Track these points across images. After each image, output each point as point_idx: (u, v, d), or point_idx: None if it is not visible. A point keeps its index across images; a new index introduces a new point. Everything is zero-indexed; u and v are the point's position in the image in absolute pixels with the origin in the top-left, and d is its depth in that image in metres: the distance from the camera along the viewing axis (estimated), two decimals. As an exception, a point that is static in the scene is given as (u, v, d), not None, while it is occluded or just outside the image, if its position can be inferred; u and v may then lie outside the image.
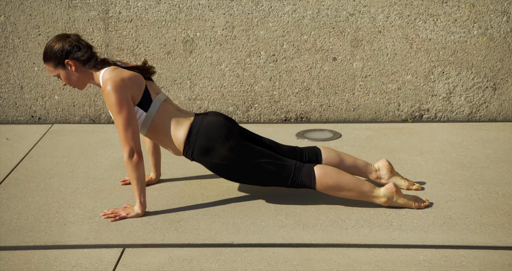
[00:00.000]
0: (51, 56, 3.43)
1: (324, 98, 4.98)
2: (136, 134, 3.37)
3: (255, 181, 3.53)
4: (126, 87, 3.35)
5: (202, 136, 3.46)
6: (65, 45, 3.42)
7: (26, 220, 3.46)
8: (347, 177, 3.47)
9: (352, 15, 4.81)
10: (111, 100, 3.33)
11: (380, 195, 3.47)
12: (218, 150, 3.44)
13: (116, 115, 3.34)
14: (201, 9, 4.81)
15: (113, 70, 3.40)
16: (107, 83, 3.34)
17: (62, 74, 3.46)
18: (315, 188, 3.46)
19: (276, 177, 3.47)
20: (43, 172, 4.06)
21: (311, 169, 3.46)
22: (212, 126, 3.48)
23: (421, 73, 4.91)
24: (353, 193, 3.47)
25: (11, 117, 5.05)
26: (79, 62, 3.43)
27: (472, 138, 4.60)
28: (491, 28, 4.81)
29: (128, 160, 3.37)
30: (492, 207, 3.53)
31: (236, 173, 3.49)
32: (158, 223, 3.40)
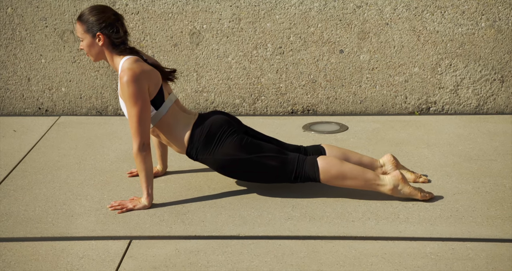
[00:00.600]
0: (88, 21, 3.40)
1: (331, 91, 4.97)
2: (148, 127, 3.38)
3: (259, 177, 3.53)
4: (144, 80, 3.36)
5: (205, 134, 3.47)
6: (107, 20, 3.40)
7: (34, 211, 3.47)
8: (350, 166, 3.47)
9: (359, 7, 4.79)
10: (127, 91, 3.33)
11: (385, 183, 3.45)
12: (221, 147, 3.45)
13: (131, 107, 3.34)
14: (207, 1, 4.81)
15: (135, 61, 3.40)
16: (126, 73, 3.34)
17: (86, 41, 3.44)
18: (319, 179, 3.46)
19: (280, 171, 3.47)
20: (50, 164, 4.07)
21: (315, 161, 3.46)
22: (215, 124, 3.49)
23: (428, 66, 4.90)
24: (358, 182, 3.46)
25: (18, 109, 5.06)
26: (109, 41, 3.42)
27: (480, 130, 4.59)
28: (499, 20, 4.79)
29: (137, 152, 3.38)
30: (500, 200, 3.52)
31: (239, 170, 3.49)
32: (164, 215, 3.41)
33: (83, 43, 3.46)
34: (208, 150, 3.46)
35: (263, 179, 3.55)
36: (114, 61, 3.46)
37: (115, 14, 3.45)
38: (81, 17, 3.43)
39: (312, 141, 4.42)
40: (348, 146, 4.31)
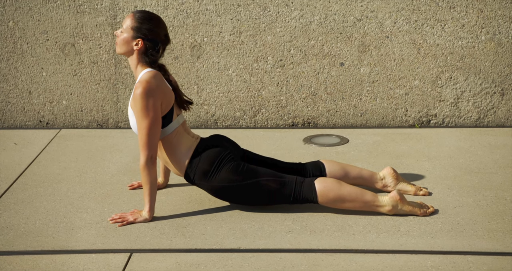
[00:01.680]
0: (141, 22, 3.39)
1: (331, 104, 4.97)
2: (157, 141, 3.39)
3: (258, 201, 3.53)
4: (158, 96, 3.37)
5: (204, 161, 3.48)
6: (157, 36, 3.41)
7: (34, 224, 3.46)
8: (348, 188, 3.47)
9: (359, 20, 4.81)
10: (140, 103, 3.34)
11: (384, 204, 3.45)
12: (218, 174, 3.46)
13: (141, 119, 3.35)
14: (208, 15, 4.82)
15: (154, 76, 3.41)
16: (142, 84, 3.35)
17: (125, 36, 3.41)
18: (317, 201, 3.46)
19: (278, 194, 3.47)
20: (51, 177, 4.07)
21: (312, 183, 3.46)
22: (214, 153, 3.50)
23: (428, 79, 4.91)
24: (356, 204, 3.46)
25: (19, 122, 5.06)
26: (144, 50, 3.42)
27: (480, 143, 4.59)
28: (499, 33, 4.80)
29: (144, 164, 3.38)
30: (500, 213, 3.52)
31: (237, 195, 3.50)
32: (165, 228, 3.41)
33: (121, 34, 3.43)
34: (205, 177, 3.48)
35: (261, 203, 3.55)
36: (136, 68, 3.47)
37: (166, 36, 3.47)
38: (136, 15, 3.42)
39: (313, 154, 4.42)
40: (349, 159, 4.31)
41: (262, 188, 3.46)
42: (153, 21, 3.42)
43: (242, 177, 3.46)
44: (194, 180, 3.51)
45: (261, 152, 4.47)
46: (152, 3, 4.80)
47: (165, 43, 3.47)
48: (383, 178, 3.72)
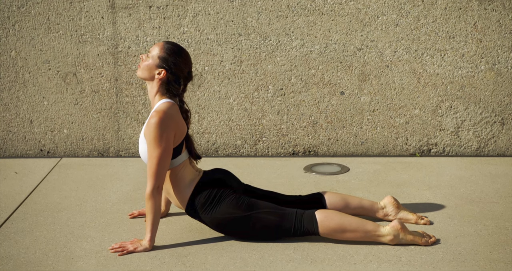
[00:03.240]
0: (168, 54, 3.41)
1: (332, 132, 4.98)
2: (165, 171, 3.40)
3: (258, 235, 3.53)
4: (172, 126, 3.38)
5: (205, 194, 3.49)
6: (181, 71, 3.44)
7: (34, 254, 3.45)
8: (349, 218, 3.46)
9: (359, 49, 4.84)
10: (154, 132, 3.35)
11: (385, 234, 3.44)
12: (218, 207, 3.47)
13: (154, 148, 3.36)
14: (209, 44, 4.86)
15: (171, 106, 3.42)
16: (158, 114, 3.36)
17: (150, 62, 3.42)
18: (318, 233, 3.45)
19: (279, 227, 3.47)
20: (51, 206, 4.07)
21: (313, 214, 3.46)
22: (214, 187, 3.51)
23: (429, 108, 4.92)
24: (358, 234, 3.45)
25: (20, 151, 5.07)
26: (166, 81, 3.43)
27: (481, 172, 4.58)
28: (499, 63, 4.83)
29: (150, 194, 3.38)
30: (502, 243, 3.50)
31: (237, 228, 3.50)
32: (165, 257, 3.39)
33: (146, 59, 3.45)
34: (206, 211, 3.48)
35: (262, 237, 3.54)
36: (155, 97, 3.48)
37: (189, 73, 3.49)
38: (166, 45, 3.44)
39: (313, 182, 4.41)
40: (350, 188, 4.30)
41: (262, 220, 3.46)
42: (180, 56, 3.44)
43: (242, 210, 3.46)
44: (195, 213, 3.51)
45: (262, 180, 4.46)
46: (153, 33, 4.84)
47: (187, 80, 3.50)
48: (384, 207, 3.72)
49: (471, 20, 4.78)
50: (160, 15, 4.82)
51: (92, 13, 4.83)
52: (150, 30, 4.84)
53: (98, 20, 4.84)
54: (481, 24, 4.79)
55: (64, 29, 4.86)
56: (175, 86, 3.45)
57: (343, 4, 4.78)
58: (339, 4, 4.78)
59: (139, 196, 4.21)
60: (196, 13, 4.82)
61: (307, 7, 4.79)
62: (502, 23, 4.78)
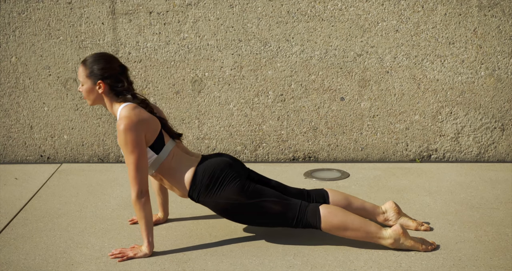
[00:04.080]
0: (92, 67, 3.41)
1: (332, 138, 4.99)
2: (146, 175, 3.38)
3: (261, 222, 3.52)
4: (141, 128, 3.36)
5: (208, 177, 3.47)
6: (112, 71, 3.42)
7: (34, 260, 3.44)
8: (353, 217, 3.46)
9: (359, 55, 4.85)
10: (124, 139, 3.34)
11: (386, 236, 3.44)
12: (223, 191, 3.45)
13: (128, 155, 3.35)
14: (210, 50, 4.86)
15: (132, 109, 3.40)
16: (123, 121, 3.34)
17: (86, 86, 3.44)
18: (320, 227, 3.45)
19: (282, 216, 3.46)
20: (51, 212, 4.06)
21: (317, 208, 3.45)
22: (218, 167, 3.49)
23: (429, 114, 4.92)
24: (359, 233, 3.45)
25: (20, 157, 5.07)
26: (109, 89, 3.43)
27: (481, 178, 4.58)
28: (499, 69, 4.83)
29: (136, 199, 3.37)
30: (502, 249, 3.50)
31: (241, 214, 3.48)
32: (165, 263, 3.39)
33: (82, 87, 3.46)
34: (209, 193, 3.46)
35: (264, 223, 3.54)
36: (113, 108, 3.47)
37: (120, 66, 3.46)
38: (85, 62, 3.44)
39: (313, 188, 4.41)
40: (350, 193, 4.30)
41: (266, 209, 3.45)
42: (100, 60, 3.43)
43: (246, 196, 3.44)
44: (198, 197, 3.49)
45: (262, 186, 4.46)
46: (153, 39, 4.84)
47: (123, 72, 3.46)
48: (385, 211, 3.72)
49: (471, 26, 4.79)
50: (160, 21, 4.83)
51: (93, 19, 4.83)
52: (151, 36, 4.85)
53: (98, 26, 4.85)
54: (481, 30, 4.79)
55: (64, 35, 4.86)
56: (119, 86, 3.43)
57: (343, 10, 4.79)
58: (339, 10, 4.79)
59: (139, 201, 4.20)
60: (196, 19, 4.83)
61: (307, 13, 4.80)
62: (502, 29, 4.79)
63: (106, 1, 4.81)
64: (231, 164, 3.54)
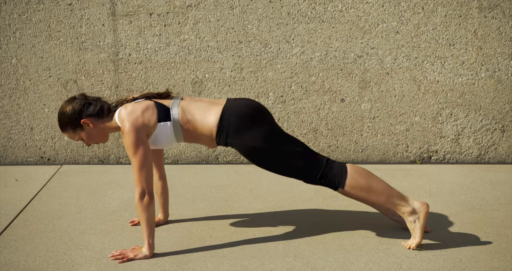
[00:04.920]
0: (66, 123, 3.48)
1: (332, 139, 4.99)
2: (150, 175, 3.38)
3: (284, 171, 3.46)
4: (142, 127, 3.38)
5: (237, 117, 3.42)
6: (75, 106, 3.46)
7: (34, 262, 3.44)
8: (379, 180, 3.44)
9: (360, 57, 4.85)
10: (127, 141, 3.36)
11: (408, 204, 3.43)
12: (253, 133, 3.40)
13: (132, 155, 3.37)
14: (210, 51, 4.86)
15: (126, 111, 3.42)
16: (123, 124, 3.38)
17: (83, 136, 3.51)
18: (344, 185, 3.41)
19: (307, 168, 3.41)
20: (51, 213, 4.06)
21: (344, 166, 3.42)
22: (248, 108, 3.45)
23: (429, 115, 4.92)
24: (381, 198, 3.41)
25: (21, 158, 5.07)
26: (94, 118, 3.47)
27: (481, 180, 4.58)
28: (499, 70, 4.83)
29: (139, 200, 3.38)
30: (503, 251, 3.50)
31: (267, 160, 3.43)
32: (166, 264, 3.39)
33: (84, 140, 3.53)
34: (238, 134, 3.41)
35: (287, 173, 3.47)
36: (114, 126, 3.50)
37: (74, 97, 3.51)
38: (61, 127, 3.51)
39: (314, 190, 4.41)
40: (350, 195, 4.30)
41: (292, 158, 3.41)
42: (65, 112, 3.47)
43: (275, 143, 3.40)
44: (226, 139, 3.43)
45: (262, 187, 4.46)
46: (154, 40, 4.85)
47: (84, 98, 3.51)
48: None
49: (471, 27, 4.79)
50: (160, 22, 4.83)
51: (93, 21, 4.84)
52: (151, 37, 4.85)
53: (98, 28, 4.85)
54: (481, 31, 4.79)
55: (65, 36, 4.87)
56: (95, 108, 3.47)
57: (344, 12, 4.79)
58: (339, 11, 4.79)
59: (139, 203, 4.20)
60: (196, 21, 4.83)
61: (307, 15, 4.80)
62: (502, 31, 4.79)
63: (106, 2, 4.81)
64: (262, 108, 3.51)
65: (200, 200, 4.26)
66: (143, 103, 3.47)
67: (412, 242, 3.49)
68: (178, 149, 5.03)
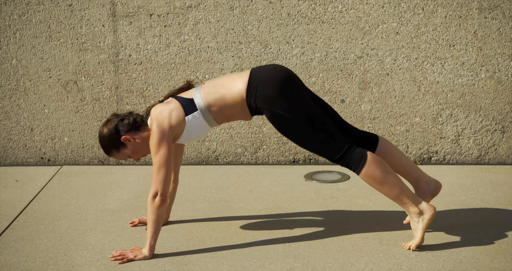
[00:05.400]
0: (109, 145, 3.52)
1: (332, 140, 4.98)
2: (167, 178, 3.39)
3: (306, 144, 3.44)
4: (168, 129, 3.40)
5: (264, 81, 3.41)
6: (110, 126, 3.50)
7: (34, 262, 3.44)
8: (395, 176, 3.45)
9: (360, 57, 4.85)
10: (152, 141, 3.40)
11: (417, 205, 3.44)
12: (283, 100, 3.38)
13: (153, 155, 3.40)
14: (210, 52, 4.86)
15: (154, 110, 3.45)
16: (152, 125, 3.42)
17: (129, 153, 3.53)
18: (360, 172, 3.42)
19: (328, 147, 3.40)
20: (51, 214, 4.06)
21: (364, 153, 3.41)
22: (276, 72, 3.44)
23: (429, 116, 4.92)
24: (393, 191, 3.42)
25: (21, 159, 5.07)
26: (132, 132, 3.50)
27: (481, 180, 4.58)
28: (499, 71, 4.83)
29: (151, 200, 3.39)
30: (503, 251, 3.50)
31: (292, 130, 3.41)
32: (166, 265, 3.39)
33: (131, 157, 3.56)
34: (267, 100, 3.39)
35: (307, 146, 3.45)
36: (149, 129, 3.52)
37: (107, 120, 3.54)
38: (106, 151, 3.56)
39: (314, 190, 4.41)
40: (350, 195, 4.30)
41: (317, 135, 3.39)
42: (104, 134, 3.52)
43: (304, 115, 3.38)
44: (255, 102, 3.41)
45: (262, 188, 4.46)
46: (154, 41, 4.85)
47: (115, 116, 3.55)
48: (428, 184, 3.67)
49: (471, 28, 4.79)
50: (160, 23, 4.83)
51: (93, 21, 4.84)
52: (151, 38, 4.85)
53: (99, 28, 4.85)
54: (481, 32, 4.79)
55: (65, 37, 4.87)
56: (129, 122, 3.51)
57: (344, 13, 4.79)
58: (339, 12, 4.79)
59: (139, 204, 4.21)
60: (196, 21, 4.83)
61: (307, 16, 4.80)
62: (502, 32, 4.79)
63: (106, 3, 4.81)
64: (290, 72, 3.49)
65: (200, 201, 4.26)
66: (169, 103, 3.49)
67: (412, 242, 3.49)
68: (178, 149, 5.03)
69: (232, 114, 3.51)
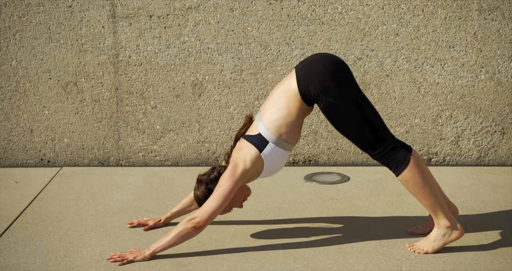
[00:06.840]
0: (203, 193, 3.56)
1: (332, 141, 4.99)
2: (216, 212, 3.39)
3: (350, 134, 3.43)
4: (243, 172, 3.43)
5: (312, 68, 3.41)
6: (203, 188, 3.54)
7: (34, 264, 3.44)
8: (435, 185, 3.45)
9: (359, 59, 4.85)
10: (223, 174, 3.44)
11: (449, 218, 3.43)
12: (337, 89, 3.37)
13: (218, 186, 3.42)
14: (210, 53, 4.87)
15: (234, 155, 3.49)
16: (229, 166, 3.45)
17: (231, 204, 3.57)
18: (400, 173, 3.40)
19: (373, 142, 3.39)
20: (51, 215, 4.06)
21: (408, 156, 3.39)
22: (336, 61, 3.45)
23: (429, 117, 4.93)
24: (429, 200, 3.40)
25: (21, 160, 5.07)
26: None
27: (481, 182, 4.58)
28: (499, 72, 4.84)
29: (187, 220, 3.38)
30: (503, 253, 3.50)
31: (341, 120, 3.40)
32: (165, 266, 3.39)
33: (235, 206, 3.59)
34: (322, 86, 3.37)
35: (350, 138, 3.44)
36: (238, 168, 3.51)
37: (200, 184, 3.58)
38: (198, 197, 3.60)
39: (314, 192, 4.41)
40: (350, 197, 4.30)
41: (364, 127, 3.38)
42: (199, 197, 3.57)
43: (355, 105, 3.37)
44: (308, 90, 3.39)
45: (262, 189, 4.46)
46: (154, 42, 4.85)
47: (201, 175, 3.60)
48: None
49: (471, 29, 4.79)
50: (160, 24, 4.83)
51: (93, 23, 4.84)
52: (151, 39, 4.85)
53: (98, 30, 4.85)
54: (481, 33, 4.80)
55: (64, 38, 4.87)
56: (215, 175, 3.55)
57: (343, 14, 4.79)
58: (339, 13, 4.79)
59: (139, 205, 4.21)
60: (196, 23, 4.83)
61: (307, 17, 4.80)
62: (502, 33, 4.79)
63: (106, 4, 4.81)
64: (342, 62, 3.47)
65: (200, 202, 4.26)
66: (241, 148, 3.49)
67: (422, 248, 3.48)
68: (178, 151, 5.03)
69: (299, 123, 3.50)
